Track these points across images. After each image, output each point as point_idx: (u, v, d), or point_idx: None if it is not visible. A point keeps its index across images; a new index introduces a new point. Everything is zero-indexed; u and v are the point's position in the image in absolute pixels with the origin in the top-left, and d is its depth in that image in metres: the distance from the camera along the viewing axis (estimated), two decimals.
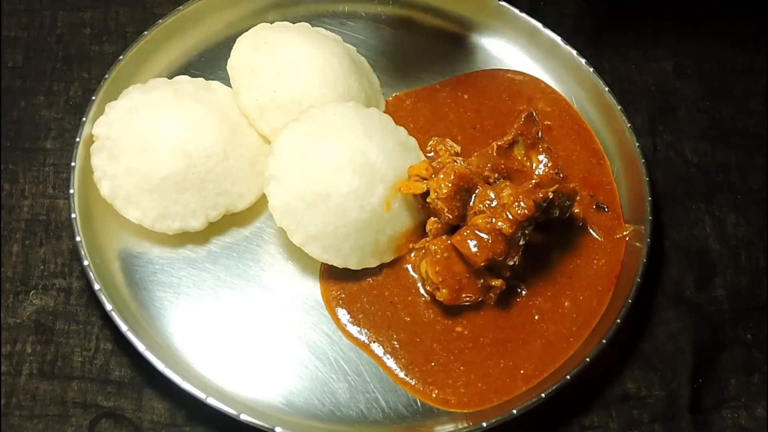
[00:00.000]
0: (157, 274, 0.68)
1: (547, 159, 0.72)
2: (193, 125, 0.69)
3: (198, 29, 0.79)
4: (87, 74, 0.79)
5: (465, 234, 0.66)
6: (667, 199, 0.77)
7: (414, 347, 0.67)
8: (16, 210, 0.72)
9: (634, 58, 0.85)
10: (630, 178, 0.75)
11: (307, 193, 0.66)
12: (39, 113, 0.76)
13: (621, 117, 0.76)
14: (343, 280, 0.69)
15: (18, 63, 0.79)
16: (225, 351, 0.66)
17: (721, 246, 0.76)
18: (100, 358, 0.67)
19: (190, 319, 0.67)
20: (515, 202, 0.65)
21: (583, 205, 0.73)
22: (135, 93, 0.72)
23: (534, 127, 0.72)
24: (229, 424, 0.62)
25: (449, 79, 0.79)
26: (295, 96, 0.71)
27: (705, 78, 0.84)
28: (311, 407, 0.64)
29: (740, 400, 0.70)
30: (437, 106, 0.77)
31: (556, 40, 0.80)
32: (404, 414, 0.65)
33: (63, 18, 0.81)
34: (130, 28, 0.81)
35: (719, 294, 0.74)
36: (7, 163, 0.74)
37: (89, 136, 0.70)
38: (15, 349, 0.66)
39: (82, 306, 0.68)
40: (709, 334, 0.72)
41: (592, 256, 0.72)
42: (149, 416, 0.65)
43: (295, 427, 0.62)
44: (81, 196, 0.68)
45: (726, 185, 0.79)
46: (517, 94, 0.79)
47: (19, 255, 0.70)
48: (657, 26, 0.86)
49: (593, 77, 0.78)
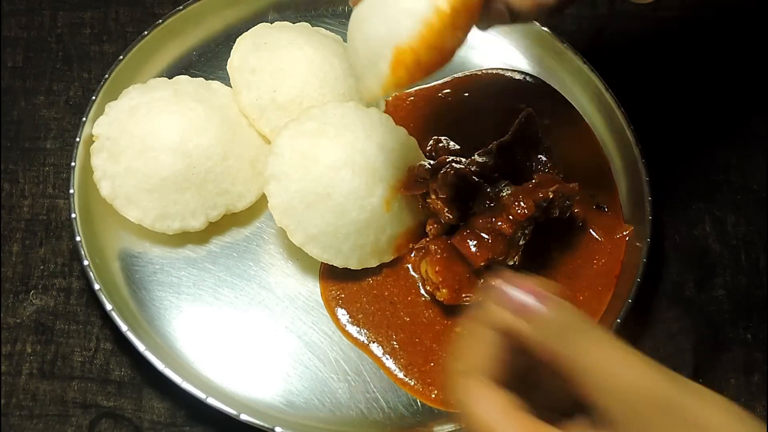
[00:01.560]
0: (157, 274, 0.68)
1: (547, 159, 0.72)
2: (193, 125, 0.69)
3: (198, 29, 0.79)
4: (87, 74, 0.79)
5: (465, 234, 0.66)
6: (667, 199, 0.77)
7: (413, 347, 0.67)
8: (16, 210, 0.72)
9: (634, 58, 0.84)
10: (630, 178, 0.75)
11: (307, 193, 0.66)
12: (39, 113, 0.76)
13: (621, 117, 0.76)
14: (343, 280, 0.69)
15: (18, 63, 0.79)
16: (225, 351, 0.66)
17: (721, 246, 0.76)
18: (100, 358, 0.67)
19: (190, 319, 0.67)
20: (515, 202, 0.65)
21: (583, 205, 0.73)
22: (135, 93, 0.72)
23: (534, 127, 0.72)
24: (229, 424, 0.62)
25: (449, 79, 0.79)
26: (295, 96, 0.71)
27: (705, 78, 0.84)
28: (311, 407, 0.64)
29: (740, 400, 0.69)
30: (437, 106, 0.77)
31: (556, 40, 0.79)
32: (404, 414, 0.65)
33: (63, 18, 0.81)
34: (130, 28, 0.81)
35: (719, 294, 0.74)
36: (7, 163, 0.74)
37: (89, 136, 0.70)
38: (15, 349, 0.66)
39: (82, 306, 0.68)
40: (709, 334, 0.72)
41: (592, 256, 0.72)
42: (149, 416, 0.65)
43: (295, 427, 0.62)
44: (81, 196, 0.68)
45: (726, 185, 0.79)
46: (517, 94, 0.79)
47: (19, 255, 0.70)
48: (657, 26, 0.86)
49: (593, 77, 0.78)
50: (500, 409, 0.43)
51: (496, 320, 0.44)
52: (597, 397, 0.42)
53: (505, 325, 0.44)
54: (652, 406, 0.41)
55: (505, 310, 0.44)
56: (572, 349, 0.42)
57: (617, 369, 0.42)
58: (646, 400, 0.41)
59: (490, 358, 0.44)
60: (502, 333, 0.44)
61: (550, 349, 0.43)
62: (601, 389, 0.42)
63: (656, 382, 0.42)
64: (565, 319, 0.43)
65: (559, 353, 0.43)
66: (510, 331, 0.44)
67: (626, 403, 0.41)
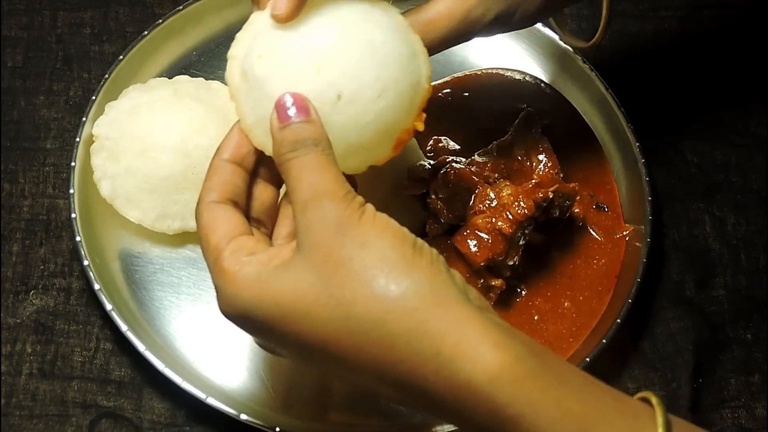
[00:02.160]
0: (157, 274, 0.68)
1: (547, 159, 0.72)
2: (193, 125, 0.69)
3: (198, 29, 0.79)
4: (87, 74, 0.79)
5: (465, 234, 0.66)
6: (667, 199, 0.77)
7: None
8: (16, 210, 0.72)
9: (634, 58, 0.84)
10: (630, 178, 0.75)
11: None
12: (39, 113, 0.76)
13: (621, 117, 0.76)
14: None
15: (18, 63, 0.79)
16: (225, 351, 0.66)
17: (721, 246, 0.76)
18: (100, 358, 0.67)
19: (190, 319, 0.67)
20: (515, 202, 0.65)
21: (583, 205, 0.73)
22: (135, 93, 0.72)
23: (534, 127, 0.72)
24: (229, 424, 0.62)
25: (449, 79, 0.79)
26: None
27: (705, 78, 0.84)
28: (311, 407, 0.64)
29: (740, 400, 0.69)
30: (437, 106, 0.77)
31: (556, 40, 0.79)
32: (404, 414, 0.65)
33: (63, 18, 0.81)
34: (130, 28, 0.81)
35: (719, 294, 0.74)
36: (7, 163, 0.74)
37: (89, 136, 0.70)
38: (15, 349, 0.66)
39: (82, 306, 0.68)
40: (709, 334, 0.72)
41: (592, 256, 0.72)
42: (149, 416, 0.65)
43: (295, 427, 0.62)
44: (81, 196, 0.68)
45: (726, 185, 0.79)
46: (517, 94, 0.79)
47: (19, 255, 0.70)
48: (657, 26, 0.86)
49: (593, 77, 0.78)
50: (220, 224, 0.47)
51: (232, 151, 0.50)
52: (295, 213, 0.46)
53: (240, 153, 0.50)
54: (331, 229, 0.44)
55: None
56: (291, 164, 0.46)
57: (307, 184, 0.45)
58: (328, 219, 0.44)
59: (222, 183, 0.49)
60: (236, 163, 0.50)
61: (278, 162, 0.47)
62: (296, 204, 0.45)
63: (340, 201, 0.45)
64: (301, 137, 0.46)
65: (282, 166, 0.47)
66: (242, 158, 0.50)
67: (307, 220, 0.45)
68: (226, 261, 0.46)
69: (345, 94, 0.48)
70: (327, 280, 0.43)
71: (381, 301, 0.42)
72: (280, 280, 0.44)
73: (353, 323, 0.42)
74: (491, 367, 0.41)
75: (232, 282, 0.45)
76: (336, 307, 0.43)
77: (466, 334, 0.42)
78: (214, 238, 0.47)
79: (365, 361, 0.43)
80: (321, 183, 0.45)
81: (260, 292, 0.44)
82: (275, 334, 0.45)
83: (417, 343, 0.42)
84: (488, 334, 0.42)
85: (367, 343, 0.42)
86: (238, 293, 0.45)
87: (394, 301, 0.42)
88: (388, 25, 0.51)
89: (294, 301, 0.43)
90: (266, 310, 0.44)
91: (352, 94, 0.48)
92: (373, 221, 0.45)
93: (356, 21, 0.50)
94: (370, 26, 0.50)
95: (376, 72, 0.49)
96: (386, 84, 0.49)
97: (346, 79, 0.48)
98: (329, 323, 0.43)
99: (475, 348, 0.41)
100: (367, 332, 0.42)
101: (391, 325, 0.42)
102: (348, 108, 0.48)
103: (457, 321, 0.42)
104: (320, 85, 0.48)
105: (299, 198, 0.45)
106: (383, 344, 0.42)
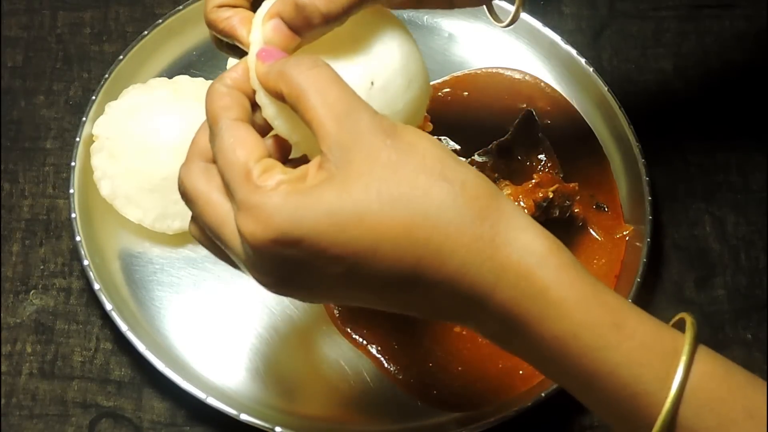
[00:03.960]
0: (157, 274, 0.68)
1: (547, 159, 0.72)
2: (193, 125, 0.68)
3: (198, 29, 0.78)
4: (87, 74, 0.79)
5: None
6: (667, 199, 0.77)
7: (412, 348, 0.67)
8: (16, 210, 0.72)
9: (634, 58, 0.84)
10: (630, 178, 0.75)
11: None
12: (39, 113, 0.76)
13: (621, 117, 0.76)
14: None
15: (18, 63, 0.79)
16: (225, 351, 0.66)
17: (721, 246, 0.76)
18: (100, 358, 0.67)
19: (190, 319, 0.67)
20: (515, 201, 0.65)
21: (583, 205, 0.73)
22: (135, 93, 0.72)
23: (534, 127, 0.72)
24: (229, 424, 0.62)
25: (449, 78, 0.79)
26: None
27: (705, 78, 0.84)
28: (311, 407, 0.65)
29: None
30: (437, 106, 0.77)
31: (556, 40, 0.79)
32: (404, 414, 0.65)
33: (63, 18, 0.81)
34: (130, 28, 0.81)
35: (719, 294, 0.74)
36: (7, 163, 0.74)
37: (89, 136, 0.70)
38: (15, 349, 0.67)
39: (82, 306, 0.68)
40: (709, 334, 0.72)
41: (592, 256, 0.72)
42: (149, 416, 0.65)
43: (295, 427, 0.62)
44: (81, 196, 0.68)
45: (726, 185, 0.79)
46: (517, 94, 0.79)
47: (19, 255, 0.70)
48: (657, 26, 0.86)
49: (593, 77, 0.78)
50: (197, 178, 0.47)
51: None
52: (312, 117, 0.43)
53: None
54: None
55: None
56: (313, 79, 0.44)
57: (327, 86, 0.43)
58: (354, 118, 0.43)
59: (239, 105, 0.47)
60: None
61: (295, 83, 0.44)
62: (326, 119, 0.43)
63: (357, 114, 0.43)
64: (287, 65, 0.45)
65: (302, 85, 0.44)
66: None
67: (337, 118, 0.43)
68: (260, 177, 0.42)
69: (378, 81, 0.49)
70: (383, 181, 0.42)
71: (447, 192, 0.42)
72: (329, 191, 0.41)
73: (432, 210, 0.42)
74: (541, 249, 0.43)
75: (271, 194, 0.41)
76: (407, 202, 0.41)
77: (518, 219, 0.43)
78: (243, 153, 0.43)
79: (441, 244, 0.42)
80: (351, 95, 0.44)
81: (307, 202, 0.41)
82: (324, 253, 0.41)
83: (478, 227, 0.42)
84: (533, 223, 0.44)
85: (446, 224, 0.42)
86: (281, 205, 0.41)
87: (457, 192, 0.42)
88: (401, 25, 0.52)
89: (350, 208, 0.41)
90: (317, 221, 0.41)
91: (385, 81, 0.49)
92: (407, 127, 0.44)
93: (384, 20, 0.51)
94: (395, 25, 0.52)
95: (404, 62, 0.50)
96: (413, 76, 0.51)
97: (380, 68, 0.49)
98: (396, 217, 0.41)
99: (525, 231, 0.43)
100: (438, 215, 0.42)
101: (462, 210, 0.42)
102: (380, 95, 0.49)
103: (509, 207, 0.44)
104: (355, 70, 0.49)
105: (332, 112, 0.43)
106: (457, 229, 0.42)
